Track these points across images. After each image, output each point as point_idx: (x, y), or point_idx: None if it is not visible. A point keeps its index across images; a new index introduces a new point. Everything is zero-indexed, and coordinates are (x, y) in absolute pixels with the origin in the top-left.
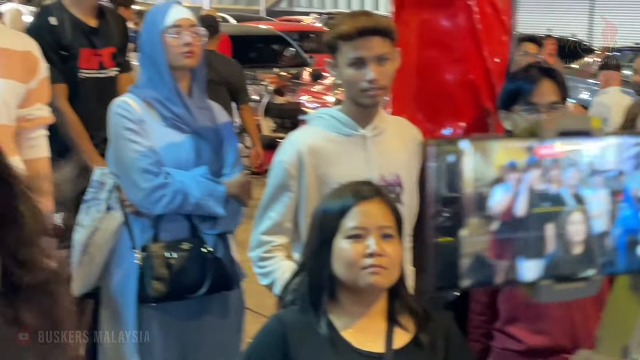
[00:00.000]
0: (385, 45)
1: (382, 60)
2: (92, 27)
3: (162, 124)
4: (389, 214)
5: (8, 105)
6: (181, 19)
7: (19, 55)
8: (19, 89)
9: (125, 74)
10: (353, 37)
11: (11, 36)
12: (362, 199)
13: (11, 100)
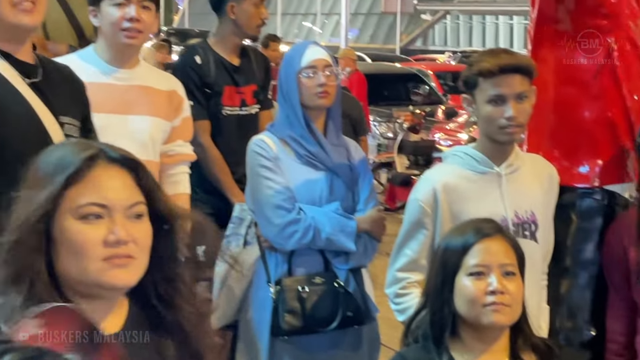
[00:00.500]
0: (524, 83)
1: (521, 98)
2: (235, 65)
3: (297, 162)
4: (510, 252)
5: (154, 142)
6: (316, 59)
7: (165, 95)
8: (164, 126)
9: (266, 111)
10: (494, 74)
11: (158, 76)
12: (484, 236)
13: (157, 137)
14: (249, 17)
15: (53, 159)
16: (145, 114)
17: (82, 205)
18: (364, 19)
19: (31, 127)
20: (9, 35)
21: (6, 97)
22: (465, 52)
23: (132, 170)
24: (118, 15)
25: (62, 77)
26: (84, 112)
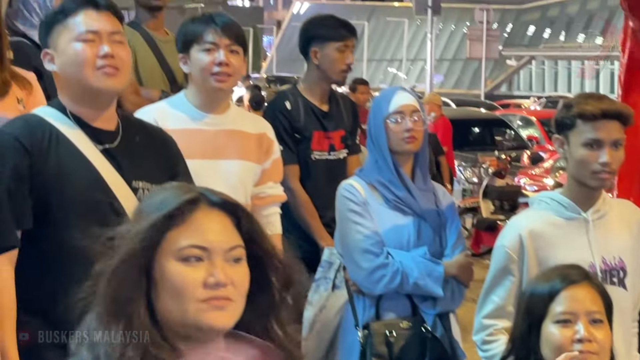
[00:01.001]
0: (621, 130)
1: (616, 145)
2: (324, 111)
3: (385, 206)
4: (598, 299)
5: (244, 185)
6: (404, 105)
7: (255, 138)
8: (255, 169)
9: (354, 156)
10: (595, 118)
11: (248, 119)
12: (570, 283)
13: (247, 180)
14: (331, 62)
15: (155, 201)
16: (235, 157)
17: (183, 247)
18: (449, 65)
19: (97, 193)
20: (90, 100)
21: (72, 164)
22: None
23: (232, 214)
24: (208, 60)
25: (148, 140)
26: (171, 174)
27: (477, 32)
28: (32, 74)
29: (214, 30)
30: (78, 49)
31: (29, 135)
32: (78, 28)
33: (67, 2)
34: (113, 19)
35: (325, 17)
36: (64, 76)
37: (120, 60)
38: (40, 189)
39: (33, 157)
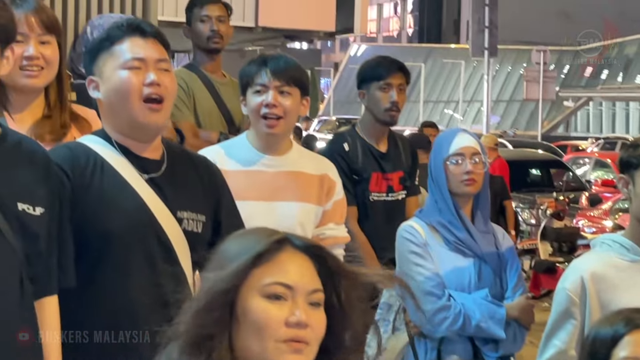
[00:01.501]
0: None
1: None
2: (382, 152)
3: (445, 248)
4: None
5: (303, 227)
6: (464, 147)
7: (316, 179)
8: (315, 211)
9: (412, 197)
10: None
11: (309, 160)
12: (634, 327)
13: (307, 222)
14: (376, 101)
15: (242, 241)
16: (293, 200)
17: (268, 284)
18: (506, 106)
19: (142, 222)
20: (137, 133)
21: (115, 191)
22: (608, 139)
23: (315, 259)
24: (257, 102)
25: (193, 171)
26: (215, 206)
27: (534, 74)
28: (93, 112)
29: (265, 72)
30: (123, 77)
31: (71, 162)
32: (124, 55)
33: (112, 29)
34: (159, 46)
35: (373, 58)
36: (109, 104)
37: (165, 89)
38: (81, 217)
39: (75, 183)
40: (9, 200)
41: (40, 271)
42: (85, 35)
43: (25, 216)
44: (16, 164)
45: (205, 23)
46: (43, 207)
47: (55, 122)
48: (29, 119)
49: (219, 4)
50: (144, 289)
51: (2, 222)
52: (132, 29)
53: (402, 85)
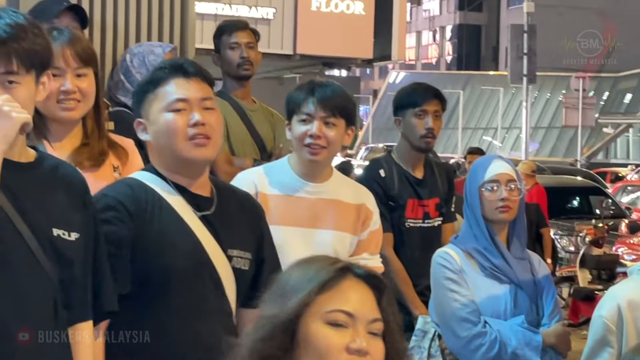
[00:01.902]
0: None
1: None
2: (418, 178)
3: (481, 274)
4: None
5: (337, 255)
6: (499, 173)
7: (354, 208)
8: (350, 240)
9: (448, 224)
10: None
11: (348, 189)
12: None
13: (341, 251)
14: (411, 128)
15: (304, 270)
16: (330, 228)
17: (331, 310)
18: (545, 133)
19: (196, 259)
20: (184, 169)
21: (173, 230)
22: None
23: (376, 289)
24: (302, 131)
25: (239, 208)
26: (258, 243)
27: (573, 100)
28: (130, 141)
29: (312, 101)
30: (169, 119)
31: (133, 200)
32: (168, 97)
33: (156, 71)
34: (203, 85)
35: (409, 84)
36: (157, 146)
37: (211, 128)
38: (141, 253)
39: (137, 221)
40: (44, 225)
41: (74, 297)
42: (124, 63)
43: (60, 241)
44: (52, 188)
45: (234, 50)
46: (78, 233)
47: (94, 149)
48: (68, 147)
49: (247, 30)
50: (196, 325)
51: (37, 248)
52: (175, 69)
53: (438, 111)
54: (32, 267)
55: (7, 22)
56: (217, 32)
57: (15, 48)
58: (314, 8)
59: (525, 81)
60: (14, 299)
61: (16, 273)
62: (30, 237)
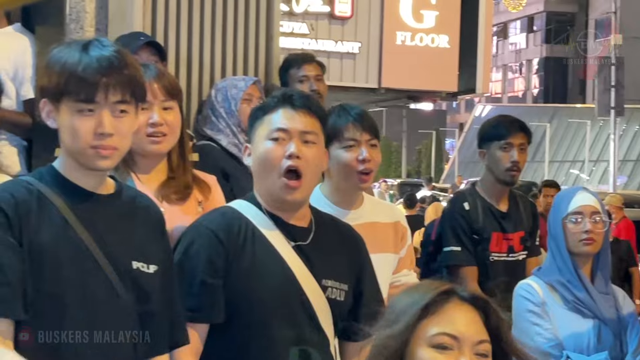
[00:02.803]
0: None
1: None
2: (502, 212)
3: (564, 308)
4: None
5: (381, 277)
6: (583, 205)
7: (391, 227)
8: (393, 259)
9: (533, 258)
10: None
11: (382, 209)
12: None
13: (386, 272)
14: (496, 161)
15: (409, 296)
16: (373, 251)
17: (435, 334)
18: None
19: (286, 290)
20: (280, 205)
21: (265, 259)
22: None
23: (482, 310)
24: (351, 158)
25: (339, 239)
26: (357, 274)
27: None
28: (212, 177)
29: (354, 125)
30: (267, 147)
31: (226, 229)
32: (271, 125)
33: (268, 100)
34: (309, 118)
35: (494, 117)
36: (256, 172)
37: (306, 162)
38: (233, 283)
39: (229, 251)
40: (124, 258)
41: (152, 329)
42: (210, 98)
43: (139, 274)
44: (132, 220)
45: (303, 83)
46: (156, 265)
47: (180, 183)
48: (155, 180)
49: (314, 63)
50: (287, 355)
51: (117, 281)
52: (284, 99)
53: (523, 144)
54: (112, 300)
55: (115, 50)
56: (283, 65)
57: (128, 77)
58: (399, 42)
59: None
60: (95, 332)
61: (97, 306)
62: (111, 270)
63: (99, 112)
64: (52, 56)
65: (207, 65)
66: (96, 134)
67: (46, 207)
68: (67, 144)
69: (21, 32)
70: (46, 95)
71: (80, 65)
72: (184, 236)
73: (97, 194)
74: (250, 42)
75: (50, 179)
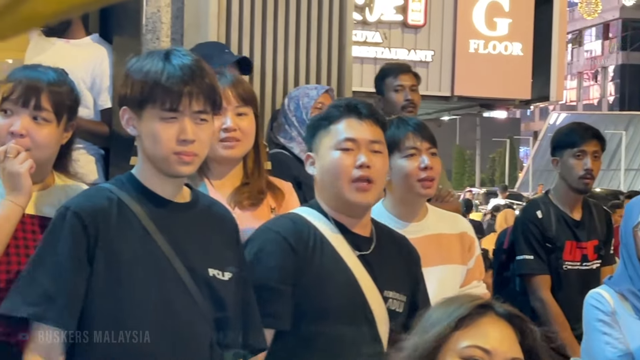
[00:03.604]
0: None
1: None
2: (576, 220)
3: (635, 317)
4: None
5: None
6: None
7: (457, 238)
8: (461, 271)
9: (607, 267)
10: None
11: (447, 220)
12: None
13: (453, 284)
14: (569, 169)
15: (445, 307)
16: (439, 263)
17: (466, 346)
18: None
19: (351, 298)
20: (346, 209)
21: (332, 267)
22: None
23: (517, 328)
24: (413, 167)
25: (396, 250)
26: (413, 286)
27: None
28: (288, 184)
29: (414, 134)
30: (335, 157)
31: (296, 236)
32: (338, 135)
33: (331, 109)
34: (375, 127)
35: (567, 125)
36: (322, 181)
37: (376, 172)
38: (301, 290)
39: (299, 257)
40: (201, 265)
41: (227, 336)
42: (283, 106)
43: (215, 282)
44: (207, 228)
45: (399, 92)
46: (231, 272)
47: (253, 188)
48: (228, 186)
49: (410, 73)
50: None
51: (194, 288)
52: (350, 109)
53: (596, 152)
54: (190, 308)
55: (194, 59)
56: (380, 75)
57: (208, 86)
58: (472, 50)
59: None
60: (173, 339)
61: (176, 314)
62: (188, 277)
63: (181, 120)
64: (132, 65)
65: (280, 74)
66: (179, 140)
67: (126, 216)
68: (148, 151)
69: (99, 42)
70: (127, 104)
71: (164, 74)
72: (251, 240)
73: (175, 202)
74: (323, 51)
75: (130, 186)
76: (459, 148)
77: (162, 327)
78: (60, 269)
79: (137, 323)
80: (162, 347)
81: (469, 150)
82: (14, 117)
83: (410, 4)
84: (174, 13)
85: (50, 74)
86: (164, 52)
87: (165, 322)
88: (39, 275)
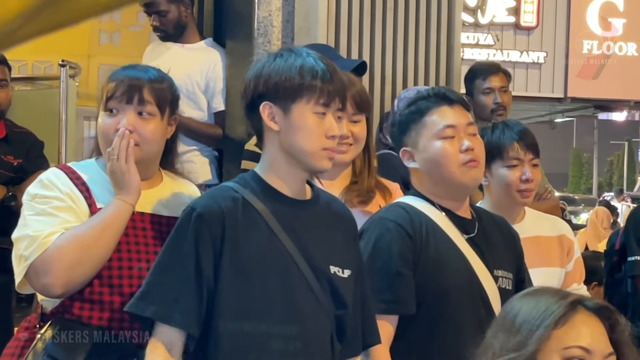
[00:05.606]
0: None
1: None
2: None
3: None
4: None
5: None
6: None
7: (555, 240)
8: (560, 274)
9: None
10: None
11: (545, 222)
12: None
13: (549, 286)
14: None
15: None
16: (538, 266)
17: (568, 347)
18: None
19: (467, 280)
20: (454, 193)
21: (447, 252)
22: None
23: (607, 322)
24: (515, 177)
25: (498, 231)
26: (517, 263)
27: None
28: (395, 185)
29: (519, 145)
30: (440, 147)
31: (410, 223)
32: (437, 125)
33: (421, 102)
34: (465, 111)
35: None
36: (426, 173)
37: (480, 152)
38: (420, 275)
39: (415, 243)
40: (323, 263)
41: (347, 332)
42: (393, 107)
43: (336, 279)
44: (328, 225)
45: (488, 95)
46: (350, 269)
47: (362, 187)
48: (338, 186)
49: (500, 73)
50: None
51: (316, 286)
52: (440, 98)
53: None
54: (313, 305)
55: (326, 61)
56: (469, 76)
57: (345, 87)
58: (585, 50)
59: None
60: (298, 336)
61: (299, 311)
62: (311, 275)
63: (327, 116)
64: (268, 63)
65: (388, 76)
66: (327, 136)
67: (251, 215)
68: (296, 145)
69: (212, 46)
70: (269, 99)
71: (319, 70)
72: (367, 230)
73: (297, 199)
74: (431, 53)
75: (255, 185)
76: (576, 151)
77: (289, 328)
78: (185, 271)
79: (262, 319)
80: (286, 341)
81: (586, 154)
82: (120, 116)
83: (522, 6)
84: (285, 17)
85: (151, 72)
86: (304, 51)
87: (291, 322)
88: (164, 276)
